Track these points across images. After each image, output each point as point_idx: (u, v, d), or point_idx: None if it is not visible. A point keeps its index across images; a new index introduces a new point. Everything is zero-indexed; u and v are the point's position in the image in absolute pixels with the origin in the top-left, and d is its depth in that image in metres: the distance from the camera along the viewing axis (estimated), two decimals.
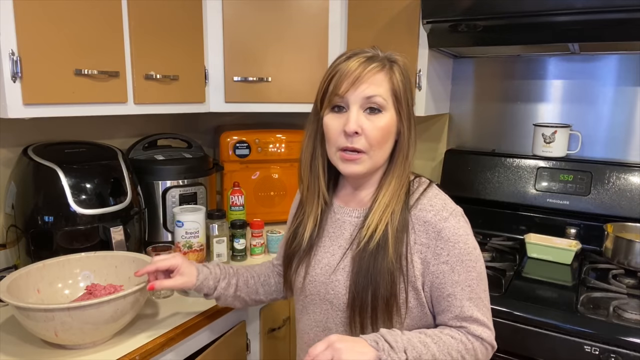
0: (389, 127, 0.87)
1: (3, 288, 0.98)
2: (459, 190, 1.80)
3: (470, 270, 0.85)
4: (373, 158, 0.87)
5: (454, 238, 0.85)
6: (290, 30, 1.64)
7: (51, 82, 1.13)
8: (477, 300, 0.85)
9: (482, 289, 0.87)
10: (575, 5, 1.22)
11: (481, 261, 0.88)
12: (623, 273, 1.41)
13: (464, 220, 0.89)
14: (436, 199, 0.89)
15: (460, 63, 1.87)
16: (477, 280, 0.86)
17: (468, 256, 0.85)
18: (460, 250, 0.85)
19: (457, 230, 0.86)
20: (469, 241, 0.86)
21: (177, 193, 1.55)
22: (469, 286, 0.84)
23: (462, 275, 0.84)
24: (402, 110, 0.88)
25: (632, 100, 1.61)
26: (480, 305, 0.86)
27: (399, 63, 0.90)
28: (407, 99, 0.89)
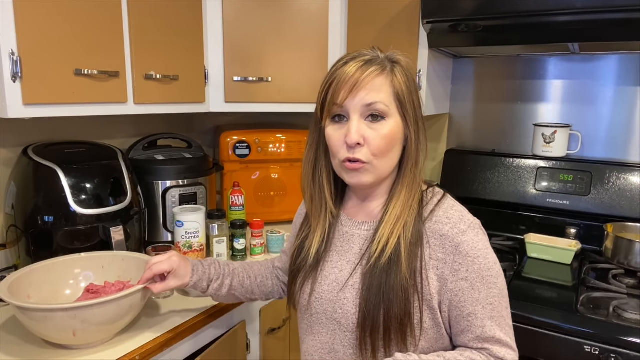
0: (394, 135, 0.81)
1: (4, 288, 0.98)
2: (459, 190, 1.80)
3: (492, 287, 0.80)
4: (378, 168, 0.82)
5: (473, 253, 0.79)
6: (290, 30, 1.64)
7: (51, 82, 1.13)
8: (499, 319, 0.80)
9: (504, 307, 0.81)
10: (575, 5, 1.22)
11: (502, 277, 0.82)
12: (623, 273, 1.41)
13: (483, 233, 0.83)
14: (452, 210, 0.83)
15: (460, 63, 1.87)
16: (499, 297, 0.80)
17: (489, 272, 0.80)
18: (480, 265, 0.79)
19: (477, 245, 0.80)
20: (489, 256, 0.81)
21: (177, 193, 1.55)
22: (491, 304, 0.79)
23: (482, 292, 0.79)
24: (408, 114, 0.83)
25: (632, 100, 1.61)
26: (503, 325, 0.80)
27: (402, 63, 0.85)
28: (412, 101, 0.83)
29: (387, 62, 0.84)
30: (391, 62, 0.84)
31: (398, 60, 0.86)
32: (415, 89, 0.85)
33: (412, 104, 0.83)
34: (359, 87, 0.80)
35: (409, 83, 0.84)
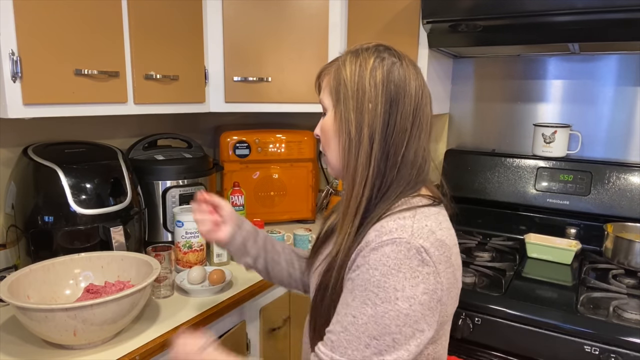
0: (327, 128, 0.82)
1: (4, 288, 0.98)
2: (459, 190, 1.80)
3: (368, 304, 0.69)
4: (328, 159, 0.85)
5: (374, 264, 0.70)
6: (290, 30, 1.64)
7: (51, 82, 1.13)
8: (351, 335, 0.70)
9: (368, 334, 0.69)
10: (576, 5, 1.22)
11: (392, 311, 0.69)
12: (623, 273, 1.41)
13: (408, 256, 0.70)
14: (403, 220, 0.74)
15: (460, 63, 1.87)
16: (370, 320, 0.69)
17: (377, 289, 0.69)
18: (372, 278, 0.70)
19: (385, 260, 0.70)
20: (390, 278, 0.69)
21: (177, 193, 1.55)
22: (354, 317, 0.70)
23: (356, 301, 0.71)
24: (339, 108, 0.79)
25: (632, 100, 1.61)
26: (350, 342, 0.70)
27: (363, 54, 0.80)
28: (354, 96, 0.78)
29: (345, 55, 0.82)
30: (354, 53, 0.81)
31: (361, 50, 0.81)
32: (371, 80, 0.78)
33: (349, 96, 0.78)
34: (320, 87, 0.86)
35: (359, 74, 0.79)
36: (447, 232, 0.77)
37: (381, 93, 0.78)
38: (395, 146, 0.78)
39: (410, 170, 0.80)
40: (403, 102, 0.78)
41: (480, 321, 1.22)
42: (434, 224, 0.75)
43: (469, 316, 1.23)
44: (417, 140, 0.80)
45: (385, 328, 0.69)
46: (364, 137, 0.77)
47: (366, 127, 0.77)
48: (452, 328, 1.23)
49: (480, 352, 1.23)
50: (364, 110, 0.78)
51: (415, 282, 0.69)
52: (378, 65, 0.79)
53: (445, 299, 0.74)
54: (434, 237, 0.73)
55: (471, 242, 1.68)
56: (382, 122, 0.77)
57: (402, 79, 0.79)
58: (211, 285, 1.28)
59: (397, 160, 0.79)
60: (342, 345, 0.70)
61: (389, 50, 0.82)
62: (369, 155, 0.78)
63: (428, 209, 0.78)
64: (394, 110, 0.78)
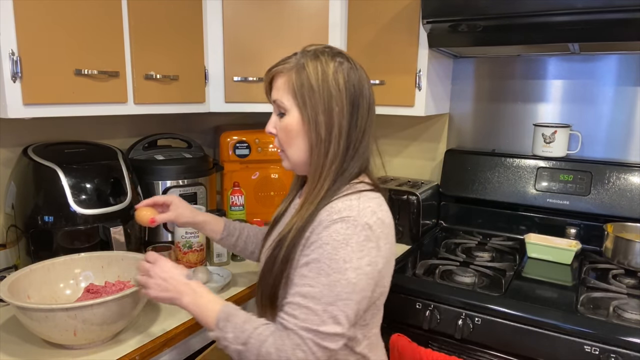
0: (291, 127, 0.90)
1: (4, 288, 0.98)
2: (459, 190, 1.80)
3: (322, 275, 0.80)
4: (289, 156, 0.93)
5: (326, 239, 0.81)
6: (290, 30, 1.64)
7: (51, 82, 1.13)
8: (310, 301, 0.79)
9: (325, 300, 0.79)
10: (575, 5, 1.22)
11: (344, 276, 0.80)
12: (623, 273, 1.41)
13: (356, 231, 0.81)
14: (350, 202, 0.84)
15: (460, 63, 1.87)
16: (325, 288, 0.79)
17: (328, 262, 0.80)
18: (325, 252, 0.80)
19: (335, 235, 0.81)
20: (341, 251, 0.80)
21: (177, 193, 1.55)
22: (311, 287, 0.80)
23: (312, 273, 0.81)
24: (306, 109, 0.87)
25: (632, 100, 1.61)
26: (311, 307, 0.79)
27: (322, 57, 0.89)
28: (316, 97, 0.87)
29: (303, 58, 0.89)
30: (313, 56, 0.89)
31: (319, 53, 0.90)
32: (335, 84, 0.87)
33: (317, 99, 0.87)
34: (272, 85, 0.93)
35: (322, 78, 0.87)
36: (386, 213, 0.89)
37: (345, 96, 0.87)
38: (355, 142, 0.90)
39: (361, 161, 0.92)
40: (361, 103, 0.89)
41: (480, 321, 1.22)
42: (375, 206, 0.86)
43: (469, 316, 1.23)
44: (368, 135, 0.92)
45: (338, 295, 0.79)
46: (333, 137, 0.87)
47: (336, 128, 0.87)
48: (452, 328, 1.24)
49: (480, 352, 1.23)
50: (332, 113, 0.87)
51: (361, 255, 0.81)
52: (339, 69, 0.88)
53: (385, 270, 0.88)
54: (376, 217, 0.85)
55: (471, 242, 1.68)
56: (348, 123, 0.88)
57: (358, 82, 0.89)
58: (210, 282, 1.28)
59: (355, 154, 0.90)
60: (303, 311, 0.80)
61: (340, 54, 0.91)
62: (336, 153, 0.88)
63: (370, 192, 0.88)
64: (355, 111, 0.89)
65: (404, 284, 1.33)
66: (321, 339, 0.78)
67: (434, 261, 1.48)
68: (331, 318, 0.79)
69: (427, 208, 1.76)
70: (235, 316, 0.85)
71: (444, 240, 1.70)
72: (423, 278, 1.36)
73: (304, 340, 0.78)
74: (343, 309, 0.80)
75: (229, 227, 1.21)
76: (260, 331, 0.82)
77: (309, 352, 0.78)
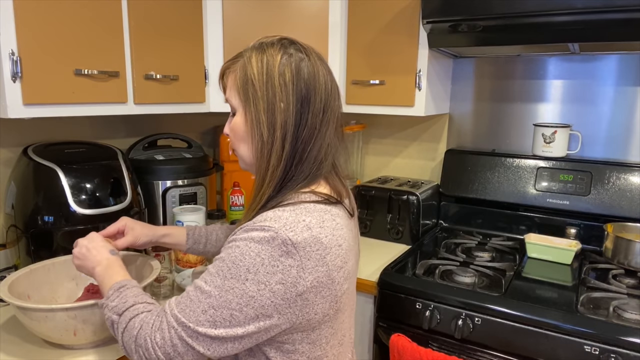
0: (237, 127, 0.82)
1: (4, 288, 0.98)
2: (459, 190, 1.80)
3: (219, 275, 0.73)
4: (240, 156, 0.85)
5: (239, 243, 0.73)
6: (290, 30, 1.64)
7: (51, 82, 1.13)
8: (193, 294, 0.74)
9: (207, 302, 0.72)
10: (575, 6, 1.22)
11: (237, 289, 0.71)
12: (623, 273, 1.41)
13: (275, 245, 0.71)
14: (282, 212, 0.74)
15: (460, 63, 1.87)
16: (213, 290, 0.73)
17: (231, 264, 0.72)
18: (232, 253, 0.72)
19: (250, 243, 0.72)
20: (247, 260, 0.71)
21: (177, 193, 1.55)
22: (205, 282, 0.74)
23: (212, 269, 0.74)
24: (250, 107, 0.79)
25: (632, 100, 1.61)
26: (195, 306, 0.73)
27: (268, 51, 0.79)
28: (260, 93, 0.77)
29: (250, 52, 0.81)
30: (258, 49, 0.81)
31: (266, 45, 0.81)
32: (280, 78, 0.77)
33: (259, 96, 0.78)
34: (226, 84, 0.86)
35: (267, 72, 0.78)
36: (329, 231, 0.76)
37: (292, 92, 0.77)
38: (304, 143, 0.78)
39: (311, 165, 0.80)
40: (314, 100, 0.78)
41: (480, 321, 1.22)
42: (315, 221, 0.74)
43: (469, 316, 1.23)
44: (323, 136, 0.80)
45: (227, 302, 0.71)
46: (276, 138, 0.77)
47: (279, 128, 0.77)
48: (452, 328, 1.24)
49: (480, 352, 1.23)
50: (275, 111, 0.77)
51: (272, 270, 0.71)
52: (286, 62, 0.78)
53: (312, 297, 0.74)
54: (309, 234, 0.73)
55: (471, 242, 1.68)
56: (294, 122, 0.77)
57: (311, 76, 0.78)
58: None
59: (304, 157, 0.79)
60: (185, 303, 0.74)
61: (294, 45, 0.81)
62: (280, 156, 0.78)
63: (314, 205, 0.77)
64: (305, 109, 0.77)
65: (404, 284, 1.33)
66: (189, 335, 0.73)
67: (434, 261, 1.48)
68: (209, 322, 0.72)
69: (427, 208, 1.76)
70: (129, 289, 0.82)
71: (444, 240, 1.70)
72: (423, 278, 1.36)
73: (169, 327, 0.74)
74: (228, 317, 0.72)
75: (193, 235, 1.13)
76: (139, 307, 0.79)
77: (169, 340, 0.73)
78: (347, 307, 0.85)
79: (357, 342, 1.46)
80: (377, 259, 1.55)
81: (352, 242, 0.83)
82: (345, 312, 0.85)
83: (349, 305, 0.87)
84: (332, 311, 0.78)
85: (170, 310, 0.75)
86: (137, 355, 0.76)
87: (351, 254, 0.82)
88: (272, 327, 0.74)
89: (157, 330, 0.74)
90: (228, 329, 0.72)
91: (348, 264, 0.80)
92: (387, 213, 1.74)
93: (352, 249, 0.83)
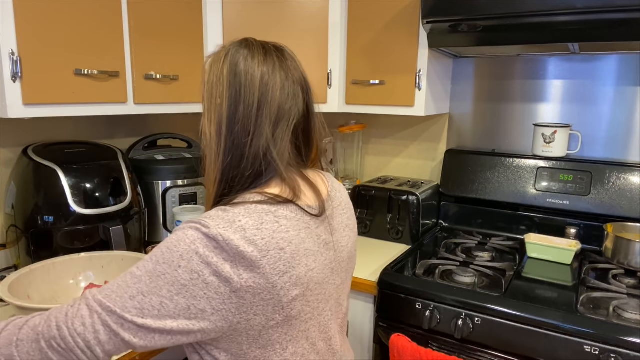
0: (202, 128, 0.81)
1: (4, 288, 0.98)
2: (459, 190, 1.80)
3: (151, 260, 0.70)
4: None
5: (175, 232, 0.71)
6: (290, 30, 1.64)
7: (51, 82, 1.13)
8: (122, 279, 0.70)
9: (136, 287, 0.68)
10: (575, 5, 1.22)
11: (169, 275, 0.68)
12: (623, 273, 1.41)
13: (208, 239, 0.68)
14: (221, 212, 0.72)
15: (460, 63, 1.87)
16: (143, 274, 0.69)
17: (165, 249, 0.69)
18: (167, 241, 0.71)
19: (184, 233, 0.70)
20: (181, 247, 0.68)
21: (177, 193, 1.55)
22: (137, 267, 0.71)
23: (146, 257, 0.71)
24: (203, 106, 0.80)
25: (632, 100, 1.61)
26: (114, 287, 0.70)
27: (218, 53, 0.80)
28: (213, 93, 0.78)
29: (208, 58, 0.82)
30: (215, 52, 0.82)
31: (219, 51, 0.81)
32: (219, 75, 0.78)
33: (205, 95, 0.79)
34: None
35: (212, 71, 0.79)
36: (268, 233, 0.71)
37: (226, 87, 0.76)
38: (240, 138, 0.76)
39: (253, 162, 0.77)
40: (246, 92, 0.76)
41: (480, 321, 1.22)
42: (252, 222, 0.71)
43: (469, 316, 1.23)
44: (261, 131, 0.76)
45: (157, 289, 0.67)
46: (213, 134, 0.78)
47: (215, 124, 0.77)
48: (452, 328, 1.24)
49: (480, 352, 1.23)
50: (212, 108, 0.78)
51: (206, 261, 0.68)
52: (225, 61, 0.78)
53: (250, 298, 0.70)
54: (242, 235, 0.69)
55: (471, 242, 1.68)
56: (228, 116, 0.76)
57: (245, 69, 0.77)
58: None
59: (245, 152, 0.76)
60: (112, 289, 0.69)
61: (243, 43, 0.80)
62: (217, 152, 0.77)
63: (256, 206, 0.73)
64: (238, 102, 0.76)
65: (404, 284, 1.33)
66: (114, 321, 0.67)
67: (434, 261, 1.48)
68: (136, 309, 0.67)
69: (427, 208, 1.76)
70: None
71: (444, 240, 1.70)
72: (423, 278, 1.36)
73: (92, 312, 0.67)
74: (157, 306, 0.67)
75: None
76: (20, 319, 0.72)
77: (90, 327, 0.67)
78: (309, 315, 0.79)
79: (357, 342, 1.46)
80: (377, 259, 1.55)
81: (310, 245, 0.77)
82: (310, 320, 0.79)
83: (317, 314, 0.81)
84: (280, 317, 0.74)
85: (92, 297, 0.69)
86: (51, 351, 0.68)
87: (305, 259, 0.75)
88: (206, 327, 0.69)
89: (74, 317, 0.68)
90: (157, 319, 0.67)
91: (297, 269, 0.74)
92: (387, 213, 1.74)
93: (307, 253, 0.76)
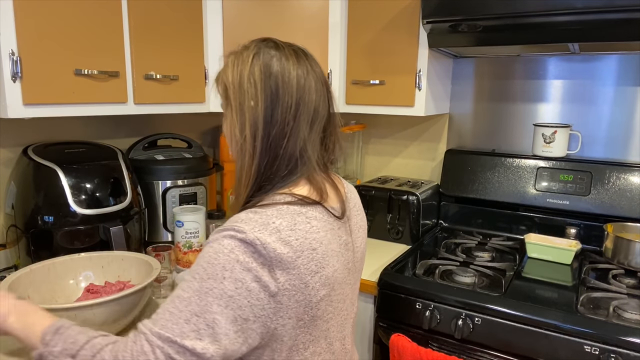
0: (224, 131, 0.83)
1: (4, 288, 0.98)
2: (459, 190, 1.80)
3: (195, 279, 0.69)
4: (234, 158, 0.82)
5: (211, 243, 0.71)
6: (290, 30, 1.64)
7: (51, 82, 1.13)
8: (171, 306, 0.69)
9: (188, 310, 0.68)
10: (575, 5, 1.22)
11: (217, 289, 0.67)
12: (623, 273, 1.41)
13: (245, 245, 0.69)
14: (253, 214, 0.72)
15: (460, 63, 1.87)
16: (192, 295, 0.68)
17: (206, 264, 0.69)
18: (205, 254, 0.70)
19: (222, 241, 0.69)
20: (222, 257, 0.68)
21: (177, 193, 1.55)
22: (182, 290, 0.70)
23: (188, 276, 0.71)
24: (227, 108, 0.80)
25: (632, 100, 1.61)
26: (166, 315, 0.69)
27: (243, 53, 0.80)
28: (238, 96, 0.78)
29: (228, 56, 0.82)
30: (236, 52, 0.81)
31: (240, 52, 0.81)
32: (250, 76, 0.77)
33: (232, 97, 0.78)
34: None
35: (239, 72, 0.78)
36: (301, 234, 0.73)
37: (260, 89, 0.76)
38: (277, 140, 0.76)
39: (287, 163, 0.78)
40: (283, 95, 0.76)
41: (480, 321, 1.22)
42: (285, 224, 0.72)
43: (469, 316, 1.23)
44: (297, 133, 0.77)
45: (207, 306, 0.67)
46: (246, 137, 0.77)
47: (248, 127, 0.77)
48: (452, 328, 1.24)
49: (480, 352, 1.23)
50: (244, 110, 0.77)
51: (247, 267, 0.68)
52: (255, 61, 0.77)
53: (286, 301, 0.71)
54: (277, 236, 0.70)
55: (471, 242, 1.68)
56: (264, 119, 0.76)
57: (281, 71, 0.77)
58: None
59: (278, 154, 0.77)
60: (165, 317, 0.68)
61: (269, 43, 0.80)
62: (251, 154, 0.77)
63: (287, 207, 0.74)
64: (274, 105, 0.76)
65: (404, 284, 1.33)
66: (176, 351, 0.66)
67: (434, 261, 1.48)
68: (193, 332, 0.67)
69: (427, 208, 1.76)
70: (68, 329, 0.75)
71: (444, 240, 1.70)
72: (423, 278, 1.36)
73: (153, 347, 0.67)
74: (211, 324, 0.67)
75: None
76: (96, 342, 0.71)
77: None
78: (331, 315, 0.80)
79: (357, 342, 1.46)
80: (377, 259, 1.55)
81: (334, 246, 0.78)
82: (330, 320, 0.80)
83: (336, 314, 0.82)
84: (308, 317, 0.75)
85: (149, 330, 0.68)
86: None
87: (332, 259, 0.77)
88: (250, 337, 0.70)
89: (139, 354, 0.67)
90: (211, 337, 0.67)
91: (326, 270, 0.75)
92: (387, 213, 1.74)
93: (333, 254, 0.77)
